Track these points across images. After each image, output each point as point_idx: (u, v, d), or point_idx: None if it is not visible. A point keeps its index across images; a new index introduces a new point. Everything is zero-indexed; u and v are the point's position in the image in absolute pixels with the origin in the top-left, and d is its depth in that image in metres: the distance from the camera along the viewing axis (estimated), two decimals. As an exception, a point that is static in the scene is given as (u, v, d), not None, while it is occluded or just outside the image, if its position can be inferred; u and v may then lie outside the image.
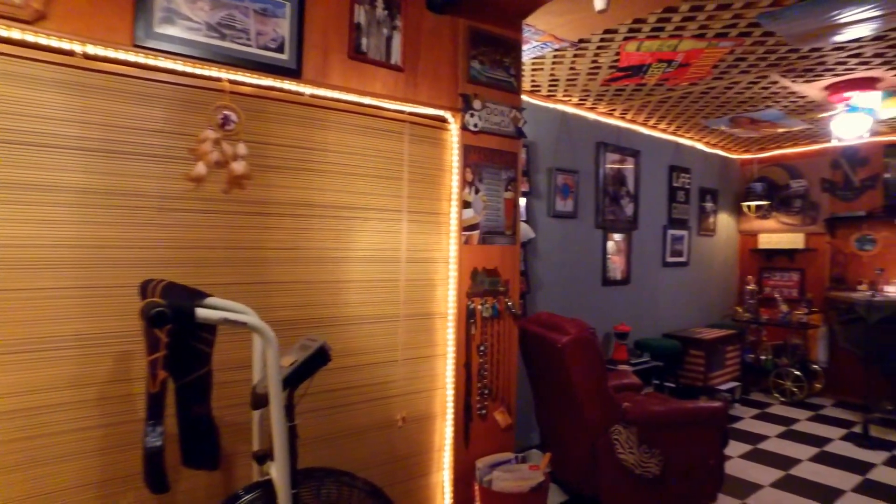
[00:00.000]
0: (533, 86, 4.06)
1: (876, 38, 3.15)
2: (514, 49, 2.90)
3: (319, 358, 1.60)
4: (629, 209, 5.05)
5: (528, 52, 3.35)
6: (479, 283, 2.76)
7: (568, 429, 3.31)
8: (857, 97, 3.96)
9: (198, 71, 2.00)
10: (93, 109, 1.84)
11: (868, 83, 3.86)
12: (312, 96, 2.29)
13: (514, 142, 2.90)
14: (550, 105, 4.38)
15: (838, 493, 3.55)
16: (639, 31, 3.04)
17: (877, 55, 3.39)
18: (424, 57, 2.58)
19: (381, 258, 2.53)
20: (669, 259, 5.54)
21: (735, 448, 4.23)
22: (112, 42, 1.83)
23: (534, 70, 3.72)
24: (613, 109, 4.67)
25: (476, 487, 2.72)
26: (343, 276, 2.42)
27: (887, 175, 5.41)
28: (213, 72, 2.03)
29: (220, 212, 2.10)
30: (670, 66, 3.57)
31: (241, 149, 2.10)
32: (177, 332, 1.38)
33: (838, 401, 5.57)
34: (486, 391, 2.85)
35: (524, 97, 4.15)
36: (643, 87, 4.01)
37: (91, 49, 1.80)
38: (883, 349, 4.67)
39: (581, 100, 4.39)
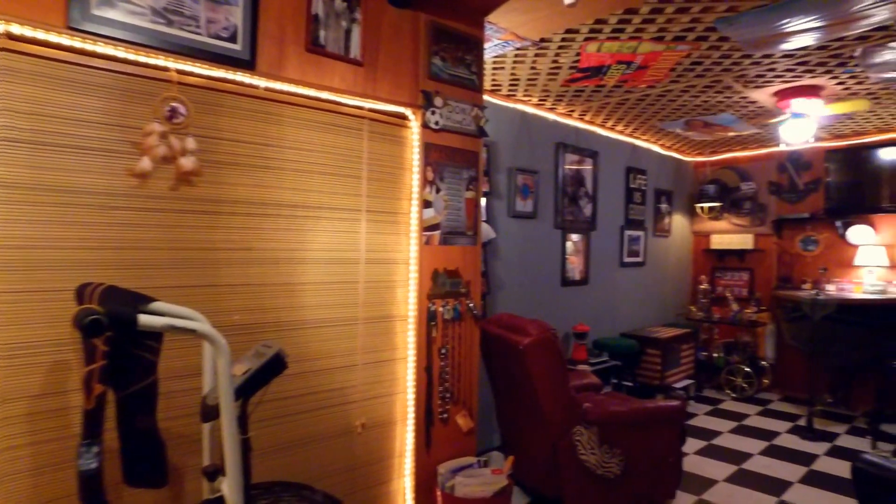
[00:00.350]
0: (493, 85, 4.03)
1: (820, 48, 3.25)
2: (477, 46, 2.85)
3: (275, 365, 1.50)
4: (588, 210, 5.09)
5: (490, 50, 3.31)
6: (440, 284, 2.70)
7: (529, 430, 3.29)
8: (802, 104, 4.09)
9: (142, 59, 1.87)
10: (19, 96, 1.68)
11: (812, 91, 3.99)
12: (267, 90, 2.18)
13: (475, 140, 2.85)
14: (511, 105, 4.37)
15: (787, 484, 3.66)
16: (600, 31, 3.04)
17: (820, 64, 3.50)
18: (385, 52, 2.51)
19: (339, 259, 2.44)
20: (627, 259, 5.62)
21: (691, 444, 4.31)
22: (42, 23, 1.68)
23: (495, 69, 3.69)
24: (572, 110, 4.69)
25: (438, 493, 2.66)
26: (299, 278, 2.32)
27: (828, 179, 5.63)
28: (160, 60, 1.90)
29: (167, 210, 1.97)
30: (629, 68, 3.59)
31: (191, 143, 1.97)
32: (117, 340, 1.26)
33: (784, 395, 5.77)
34: (448, 395, 2.79)
35: (484, 96, 4.13)
36: (602, 88, 4.04)
37: (16, 29, 1.64)
38: (825, 345, 4.84)
39: (541, 100, 4.39)
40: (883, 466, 2.29)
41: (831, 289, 5.38)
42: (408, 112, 2.62)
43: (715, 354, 6.03)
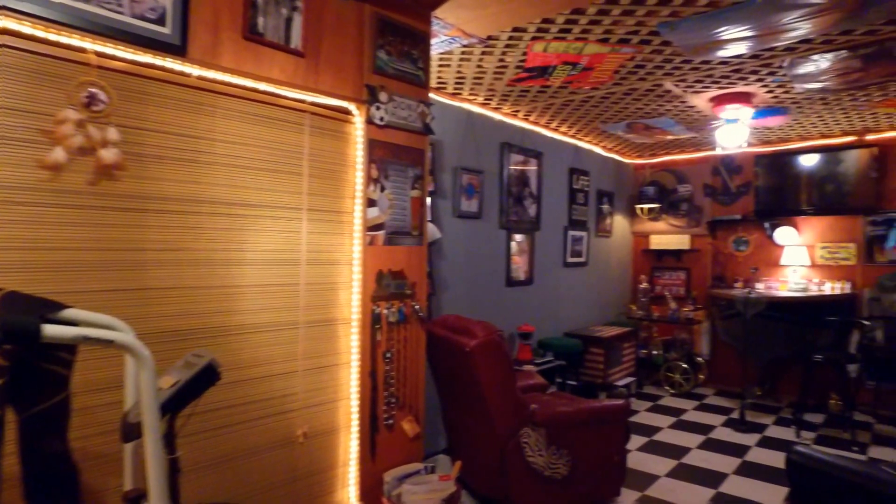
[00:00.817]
0: (439, 83, 3.97)
1: (752, 57, 3.36)
2: (423, 41, 2.78)
3: (207, 376, 1.38)
4: (532, 210, 5.12)
5: (437, 46, 3.24)
6: (385, 286, 2.61)
7: (476, 433, 3.25)
8: (736, 110, 4.25)
9: (53, 37, 1.69)
10: None
11: (745, 97, 4.15)
12: (200, 78, 2.04)
13: (421, 138, 2.78)
14: (456, 103, 4.32)
15: (723, 476, 3.78)
16: (547, 31, 3.03)
17: (752, 72, 3.63)
18: (328, 43, 2.40)
19: (278, 260, 2.31)
20: (570, 259, 5.69)
21: (634, 441, 4.39)
22: (-63, -4, 1.49)
23: (441, 66, 3.63)
24: (518, 111, 4.69)
25: (384, 502, 2.57)
26: (236, 281, 2.18)
27: (757, 183, 5.89)
28: (75, 40, 1.73)
29: (86, 206, 1.80)
30: (574, 69, 3.61)
31: (112, 134, 1.81)
32: (19, 353, 1.11)
33: (719, 390, 6.00)
34: (393, 400, 2.71)
35: (430, 94, 4.06)
36: (548, 89, 4.05)
37: None
38: (757, 340, 5.06)
39: (486, 99, 4.36)
40: (814, 457, 2.37)
41: (760, 287, 5.63)
42: (351, 107, 2.52)
43: (654, 352, 6.20)
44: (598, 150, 6.14)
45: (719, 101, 4.21)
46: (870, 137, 5.33)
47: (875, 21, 2.90)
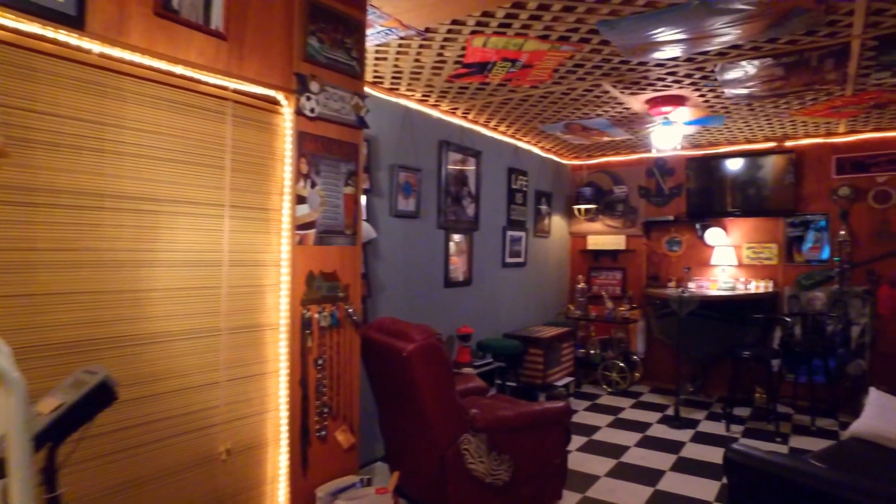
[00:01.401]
0: (376, 77, 3.82)
1: (687, 60, 3.41)
2: (358, 29, 2.63)
3: (99, 396, 1.19)
4: (471, 210, 5.04)
5: (373, 37, 3.10)
6: (316, 288, 2.45)
7: (415, 441, 3.12)
8: (670, 112, 4.32)
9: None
10: None
11: (679, 100, 4.23)
12: (103, 56, 1.81)
13: (355, 132, 2.63)
14: (393, 99, 4.18)
15: (660, 474, 3.82)
16: (487, 25, 2.95)
17: (687, 75, 3.70)
18: (253, 26, 2.21)
19: (196, 261, 2.10)
20: (509, 260, 5.66)
21: (574, 441, 4.39)
22: None
23: (377, 59, 3.48)
24: (456, 108, 4.61)
25: (315, 520, 2.40)
26: (146, 284, 1.96)
27: (689, 185, 6.06)
28: (-58, 6, 1.49)
29: (-42, 200, 1.55)
30: (514, 66, 3.56)
31: (-9, 116, 1.57)
32: None
33: (654, 387, 6.13)
34: (326, 409, 2.54)
35: (366, 88, 3.90)
36: (486, 86, 3.98)
37: None
38: (690, 338, 5.18)
39: (425, 95, 4.25)
40: (750, 455, 2.40)
41: (692, 286, 5.79)
42: (280, 96, 2.34)
43: (592, 351, 6.27)
44: (536, 150, 6.16)
45: (654, 103, 4.27)
46: (788, 144, 5.59)
47: (797, 31, 2.99)
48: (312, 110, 2.40)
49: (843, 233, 5.26)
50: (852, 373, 5.16)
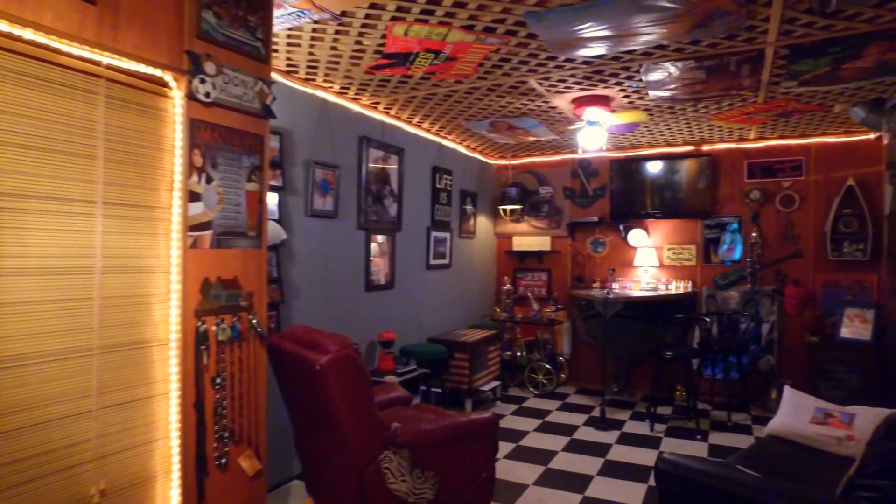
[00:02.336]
0: (289, 65, 3.52)
1: (613, 59, 3.36)
2: (263, 7, 2.35)
3: None
4: (393, 209, 4.82)
5: (283, 20, 2.81)
6: (214, 297, 2.15)
7: (331, 460, 2.86)
8: (595, 112, 4.29)
9: None
10: None
11: (604, 100, 4.20)
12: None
13: (260, 122, 2.35)
14: (309, 90, 3.89)
15: (588, 479, 3.76)
16: (408, 11, 2.74)
17: (612, 74, 3.65)
18: (131, -8, 1.89)
19: (58, 268, 1.76)
20: (433, 261, 5.48)
21: (501, 448, 4.26)
22: None
23: (290, 45, 3.20)
24: (377, 102, 4.37)
25: (212, 563, 2.10)
26: (-11, 297, 1.61)
27: (612, 186, 6.12)
28: None
29: None
30: (438, 58, 3.37)
31: None
32: None
33: (580, 388, 6.15)
34: (227, 434, 2.24)
35: (278, 77, 3.60)
36: (409, 79, 3.78)
37: None
38: (615, 339, 5.21)
39: (343, 88, 3.99)
40: (680, 464, 2.33)
41: (616, 287, 5.84)
42: (168, 77, 2.02)
43: (518, 353, 6.21)
44: (461, 149, 6.02)
45: (580, 102, 4.22)
46: (705, 148, 5.76)
47: (718, 34, 2.99)
48: (208, 95, 2.10)
49: (754, 235, 5.46)
50: (762, 368, 5.37)
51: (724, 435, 4.64)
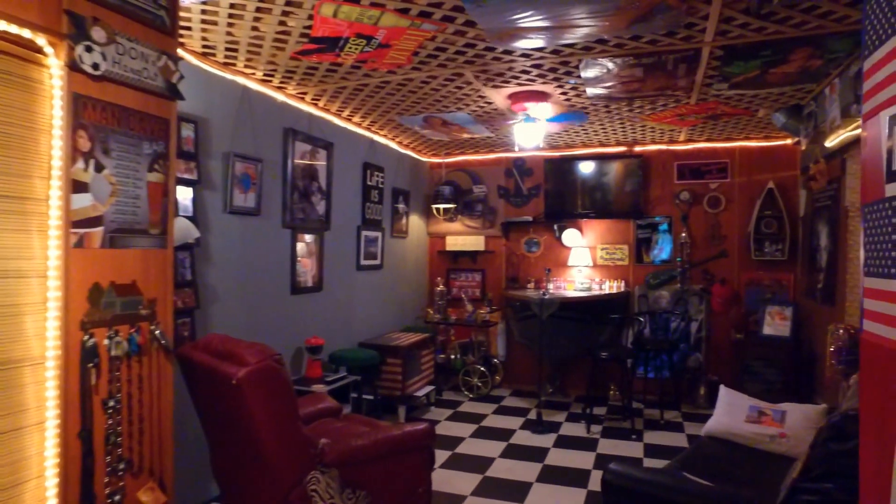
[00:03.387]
0: (206, 47, 3.18)
1: (553, 52, 3.25)
2: (166, -30, 2.04)
3: None
4: (321, 207, 4.53)
5: (193, -10, 2.50)
6: (106, 305, 1.83)
7: (253, 483, 2.57)
8: (532, 108, 4.19)
9: None
10: None
11: (541, 96, 4.10)
12: None
13: (165, 103, 2.04)
14: (229, 76, 3.55)
15: (527, 486, 3.64)
16: (335, -13, 2.50)
17: (551, 69, 3.55)
18: (-7, -64, 1.55)
19: None
20: (364, 262, 5.22)
21: (437, 457, 4.07)
22: None
23: (205, 24, 2.87)
24: (305, 92, 4.07)
25: None
26: None
27: (547, 186, 6.08)
28: None
29: None
30: (370, 44, 3.13)
31: None
32: None
33: (514, 390, 6.06)
34: (123, 465, 1.93)
35: (193, 60, 3.25)
36: (339, 67, 3.52)
37: None
38: (551, 340, 5.14)
39: (267, 75, 3.67)
40: (628, 476, 2.23)
41: (550, 287, 5.80)
42: (41, 41, 1.69)
43: (452, 356, 6.05)
44: (393, 145, 5.79)
45: (517, 98, 4.10)
46: (637, 149, 5.82)
47: (658, 30, 2.94)
48: (96, 66, 1.78)
49: (684, 235, 5.57)
50: (691, 366, 5.47)
51: (658, 434, 4.67)
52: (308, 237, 4.37)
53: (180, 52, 3.11)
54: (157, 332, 1.96)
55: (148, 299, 1.96)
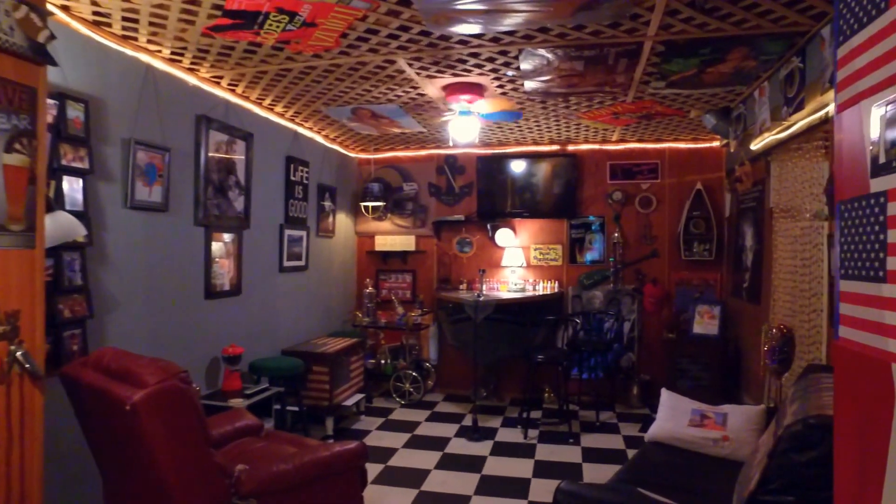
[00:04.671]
0: (98, 15, 2.74)
1: (492, 40, 3.06)
2: None
3: None
4: (240, 203, 4.13)
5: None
6: (-53, 322, 1.44)
7: (152, 523, 2.21)
8: (468, 101, 3.99)
9: None
10: None
11: (478, 89, 3.91)
12: None
13: (28, 67, 1.66)
14: (129, 52, 3.11)
15: (465, 500, 3.44)
16: (252, -52, 2.18)
17: (489, 59, 3.36)
18: None
19: None
20: (287, 263, 4.85)
21: (369, 471, 3.80)
22: None
23: (94, -16, 2.46)
24: (220, 76, 3.68)
25: None
26: None
27: (479, 184, 5.92)
28: None
29: None
30: (293, 21, 2.81)
31: None
32: None
33: (448, 394, 5.86)
34: (-25, 521, 1.54)
35: (83, 29, 2.80)
36: (258, 48, 3.17)
37: None
38: (484, 343, 4.96)
39: (176, 53, 3.26)
40: (580, 495, 2.06)
41: (484, 289, 5.64)
42: None
43: (383, 361, 5.77)
44: (319, 138, 5.43)
45: (452, 90, 3.89)
46: (570, 148, 5.77)
47: (603, 20, 2.81)
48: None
49: (616, 235, 5.57)
50: (624, 365, 5.48)
51: (594, 436, 4.60)
52: (226, 236, 3.96)
53: (65, 17, 2.70)
54: (18, 353, 1.58)
55: (6, 312, 1.57)
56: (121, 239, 3.04)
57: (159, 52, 3.23)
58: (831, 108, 2.93)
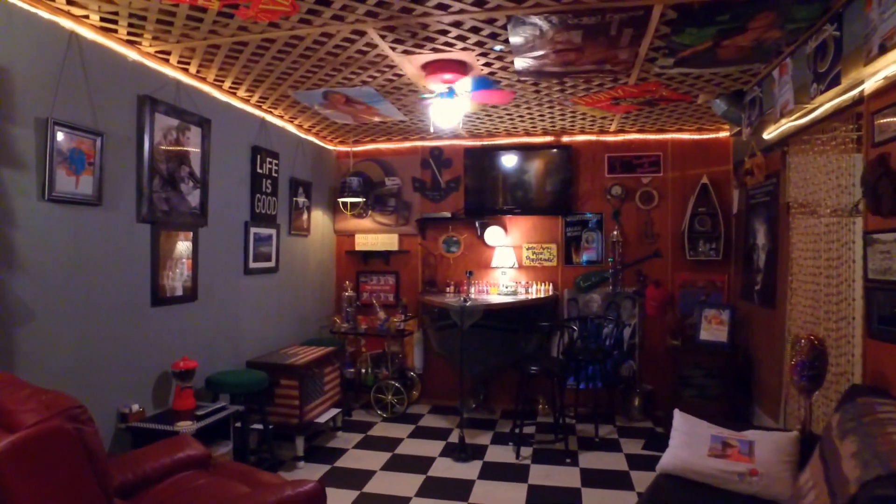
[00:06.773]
0: (-1, -33, 2.27)
1: (476, 4, 2.60)
2: None
3: None
4: (194, 198, 3.65)
5: None
6: None
7: None
8: (451, 81, 3.53)
9: None
10: None
11: (461, 67, 3.45)
12: None
13: None
14: (45, 14, 2.63)
15: (446, 537, 2.98)
16: None
17: (473, 29, 2.90)
18: None
19: None
20: (254, 264, 4.37)
21: (342, 498, 3.35)
22: None
23: (-18, -78, 1.98)
24: (167, 51, 3.20)
25: None
26: None
27: (467, 179, 5.47)
28: None
29: None
30: (237, -24, 2.35)
31: None
32: None
33: (434, 406, 5.40)
34: None
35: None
36: (204, 14, 2.69)
37: None
38: (472, 352, 4.51)
39: (107, 21, 2.78)
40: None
41: (473, 292, 5.19)
42: None
43: (363, 370, 5.31)
44: (291, 128, 4.96)
45: (432, 69, 3.43)
46: (565, 139, 5.33)
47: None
48: None
49: (615, 233, 5.13)
50: (625, 374, 5.05)
51: (594, 455, 4.15)
52: (179, 234, 3.48)
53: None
54: None
55: None
56: (36, 237, 2.56)
57: (86, 17, 2.75)
58: (869, 84, 2.51)
